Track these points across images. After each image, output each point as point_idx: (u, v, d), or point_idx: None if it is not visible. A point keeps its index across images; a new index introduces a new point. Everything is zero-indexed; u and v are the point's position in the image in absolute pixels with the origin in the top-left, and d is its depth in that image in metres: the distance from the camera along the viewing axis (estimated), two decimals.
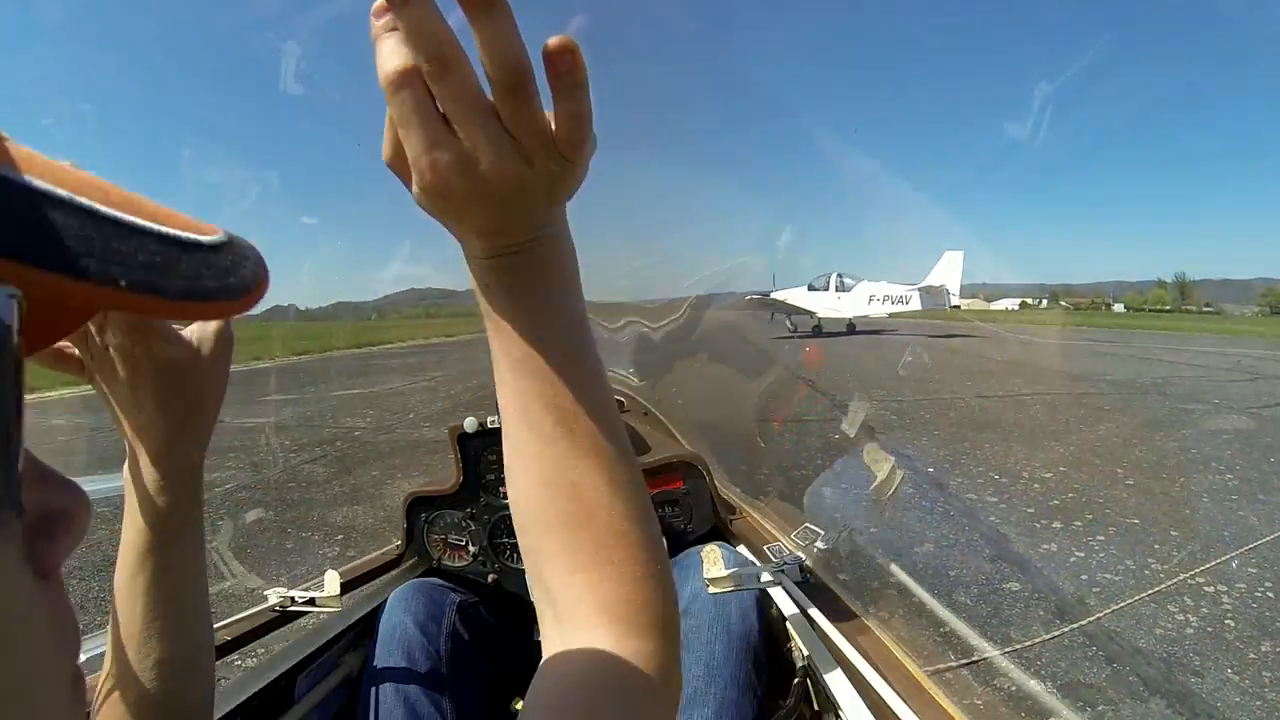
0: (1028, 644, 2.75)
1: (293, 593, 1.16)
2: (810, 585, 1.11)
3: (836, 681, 0.90)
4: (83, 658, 0.81)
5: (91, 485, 0.79)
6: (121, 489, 0.90)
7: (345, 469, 5.94)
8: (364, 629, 1.18)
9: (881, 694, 0.82)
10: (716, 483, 1.40)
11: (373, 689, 1.03)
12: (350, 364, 19.71)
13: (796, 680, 1.01)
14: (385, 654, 1.07)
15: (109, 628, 0.58)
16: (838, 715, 0.88)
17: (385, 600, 1.18)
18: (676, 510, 1.37)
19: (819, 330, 23.48)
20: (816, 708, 0.97)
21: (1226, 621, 2.92)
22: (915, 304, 24.77)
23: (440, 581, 1.34)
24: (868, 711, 0.82)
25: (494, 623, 1.35)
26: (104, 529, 4.66)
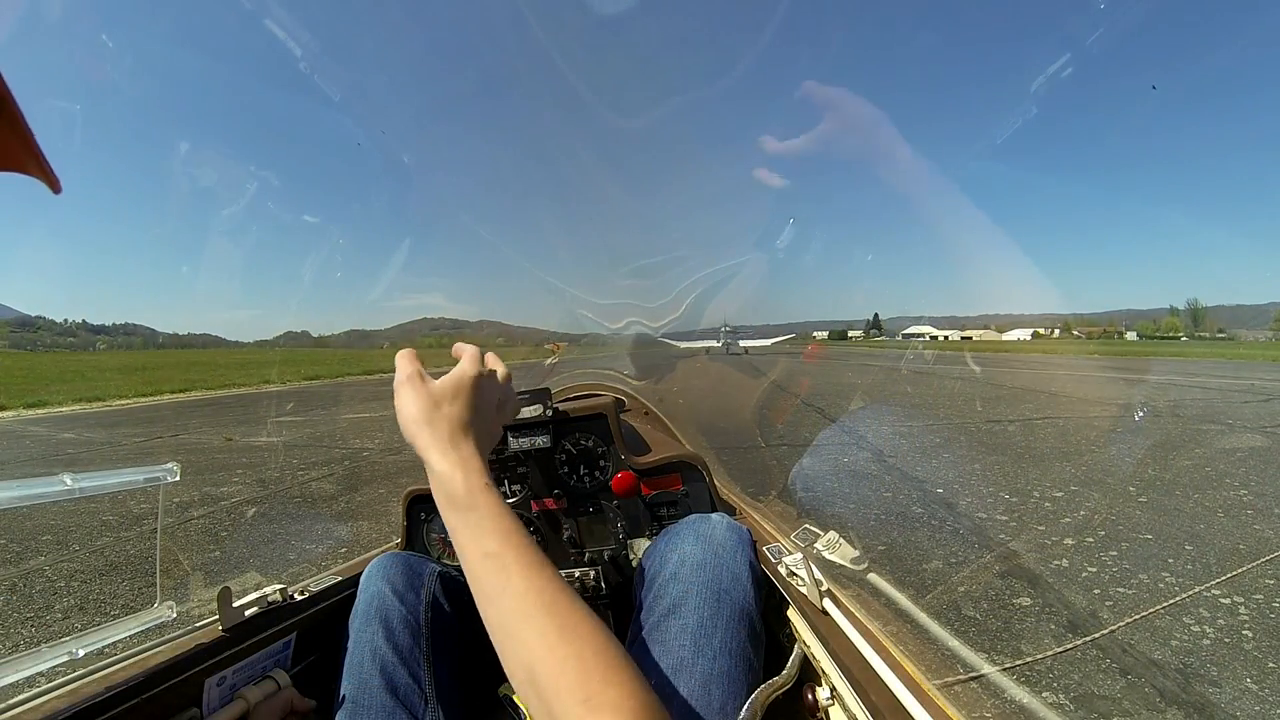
0: (1039, 657, 2.68)
1: (291, 589, 1.17)
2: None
3: (834, 664, 0.87)
4: (80, 652, 0.83)
5: (92, 482, 0.83)
6: (115, 487, 0.95)
7: (352, 487, 5.96)
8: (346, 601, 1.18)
9: (893, 690, 0.78)
10: (716, 482, 1.39)
11: (349, 658, 0.99)
12: (361, 389, 19.83)
13: (793, 655, 1.00)
14: (362, 622, 1.02)
15: None
16: (835, 693, 0.87)
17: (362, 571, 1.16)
18: (676, 510, 1.35)
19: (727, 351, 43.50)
20: (814, 697, 0.93)
21: (1244, 632, 2.84)
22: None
23: (420, 554, 1.33)
24: (867, 692, 0.79)
25: None
26: (108, 535, 4.71)
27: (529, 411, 1.35)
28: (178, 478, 0.97)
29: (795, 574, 1.09)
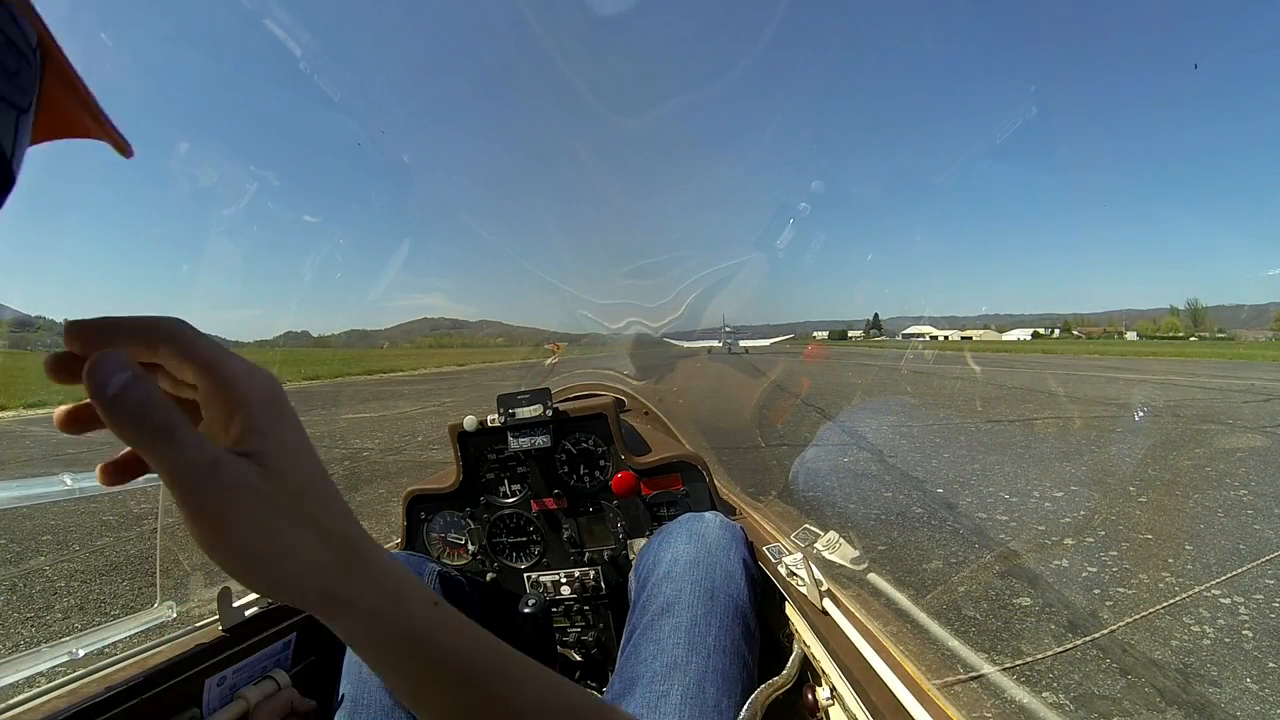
0: (1039, 657, 2.68)
1: None
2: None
3: (834, 664, 0.86)
4: (80, 652, 0.83)
5: (92, 482, 0.83)
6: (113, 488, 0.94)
7: (353, 486, 5.96)
8: None
9: (893, 690, 0.78)
10: (716, 482, 1.39)
11: (349, 659, 1.00)
12: (361, 390, 19.83)
13: (793, 655, 1.00)
14: None
15: None
16: (835, 693, 0.87)
17: None
18: (675, 510, 1.35)
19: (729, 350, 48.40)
20: (814, 697, 0.92)
21: (1244, 632, 2.84)
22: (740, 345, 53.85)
23: (420, 553, 1.34)
24: (867, 692, 0.79)
25: (476, 595, 1.33)
26: (108, 535, 4.71)
27: (529, 411, 1.35)
28: None
29: (795, 574, 1.09)
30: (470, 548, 1.43)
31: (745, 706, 0.84)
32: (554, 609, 1.42)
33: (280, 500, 0.34)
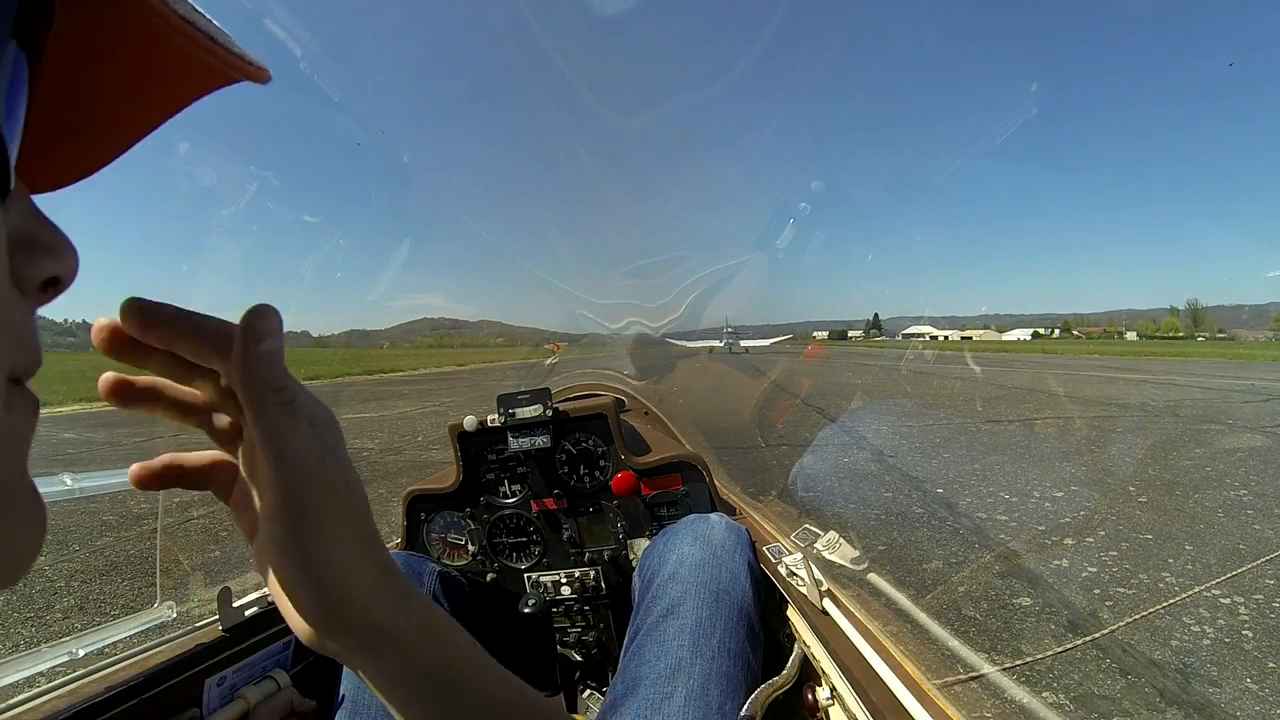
0: (1039, 657, 2.68)
1: None
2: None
3: (834, 664, 0.86)
4: (80, 652, 0.83)
5: (93, 482, 0.83)
6: (116, 487, 0.93)
7: None
8: None
9: (893, 689, 0.78)
10: (716, 482, 1.39)
11: None
12: (361, 390, 19.84)
13: (793, 655, 1.00)
14: None
15: None
16: (835, 693, 0.87)
17: None
18: (676, 510, 1.35)
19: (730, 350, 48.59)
20: (814, 697, 0.92)
21: (1244, 632, 2.84)
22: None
23: (420, 554, 1.34)
24: (867, 692, 0.78)
25: (476, 595, 1.33)
26: (108, 535, 4.72)
27: (529, 411, 1.35)
28: None
29: (795, 574, 1.09)
30: (470, 548, 1.43)
31: (745, 706, 0.84)
32: (554, 609, 1.42)
33: (359, 511, 0.34)
